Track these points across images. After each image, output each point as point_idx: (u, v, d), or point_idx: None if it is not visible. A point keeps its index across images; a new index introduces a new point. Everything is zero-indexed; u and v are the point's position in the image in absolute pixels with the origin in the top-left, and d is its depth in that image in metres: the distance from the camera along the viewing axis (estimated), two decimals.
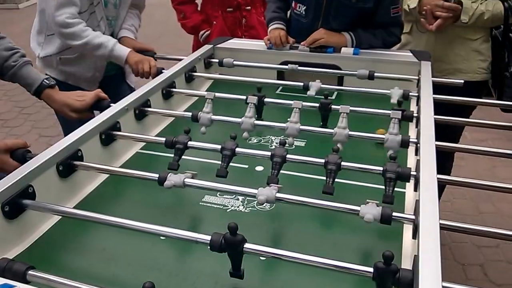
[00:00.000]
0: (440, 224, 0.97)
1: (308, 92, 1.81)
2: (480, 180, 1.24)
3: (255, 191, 1.13)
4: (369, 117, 1.64)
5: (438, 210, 1.00)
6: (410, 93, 1.77)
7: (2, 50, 1.71)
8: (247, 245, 0.94)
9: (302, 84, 1.88)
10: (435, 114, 1.55)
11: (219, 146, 1.33)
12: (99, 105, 1.67)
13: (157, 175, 1.21)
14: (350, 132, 1.45)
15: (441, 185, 2.48)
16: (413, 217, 1.04)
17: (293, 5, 2.28)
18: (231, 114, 1.61)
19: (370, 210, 1.03)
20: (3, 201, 1.10)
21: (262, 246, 0.95)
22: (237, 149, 1.32)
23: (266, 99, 1.71)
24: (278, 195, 1.11)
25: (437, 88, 1.85)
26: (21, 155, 1.36)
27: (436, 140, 1.34)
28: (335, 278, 0.99)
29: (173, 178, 1.18)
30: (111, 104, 1.63)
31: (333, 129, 1.48)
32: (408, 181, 1.23)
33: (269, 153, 1.30)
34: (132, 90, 2.42)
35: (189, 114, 1.61)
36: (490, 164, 3.66)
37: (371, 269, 0.87)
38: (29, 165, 1.20)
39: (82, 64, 2.27)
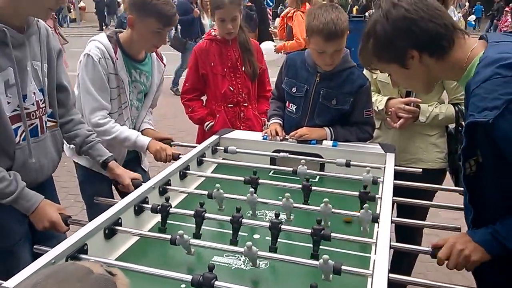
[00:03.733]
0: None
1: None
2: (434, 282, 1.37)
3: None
4: (343, 197, 1.95)
5: None
6: (378, 179, 2.07)
7: (85, 130, 2.17)
8: (217, 283, 1.27)
9: (291, 169, 2.20)
10: (402, 196, 1.88)
11: (228, 218, 1.64)
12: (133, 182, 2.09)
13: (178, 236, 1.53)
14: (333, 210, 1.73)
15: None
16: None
17: (287, 104, 2.65)
18: (233, 192, 1.92)
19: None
20: (67, 255, 1.41)
21: (231, 284, 1.28)
22: (244, 221, 1.63)
23: (260, 180, 2.03)
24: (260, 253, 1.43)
25: (402, 174, 2.17)
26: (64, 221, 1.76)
27: (405, 216, 1.66)
28: None
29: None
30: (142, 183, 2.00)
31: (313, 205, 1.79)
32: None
33: (267, 224, 1.59)
34: (145, 173, 2.75)
35: (205, 192, 1.94)
36: None
37: None
38: (85, 229, 1.52)
39: None
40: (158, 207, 1.74)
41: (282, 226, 1.59)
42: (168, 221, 1.77)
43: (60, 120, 2.08)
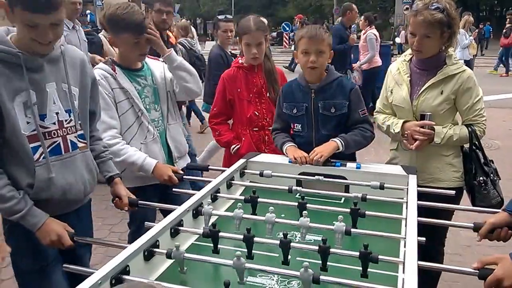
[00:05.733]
0: None
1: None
2: None
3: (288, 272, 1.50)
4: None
5: None
6: (401, 200, 2.15)
7: (101, 146, 2.29)
8: None
9: (320, 191, 2.28)
10: (423, 216, 1.92)
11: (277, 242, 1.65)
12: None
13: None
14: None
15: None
16: None
17: (292, 125, 2.78)
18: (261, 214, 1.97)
19: None
20: (112, 276, 1.47)
21: None
22: (292, 244, 1.64)
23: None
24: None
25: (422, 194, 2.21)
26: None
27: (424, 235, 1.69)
28: None
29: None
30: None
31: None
32: None
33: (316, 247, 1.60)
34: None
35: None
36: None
37: None
38: (126, 252, 1.58)
39: None
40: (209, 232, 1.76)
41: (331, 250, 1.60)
42: (206, 244, 1.82)
43: None
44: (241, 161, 2.66)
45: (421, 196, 2.17)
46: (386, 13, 38.35)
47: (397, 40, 21.25)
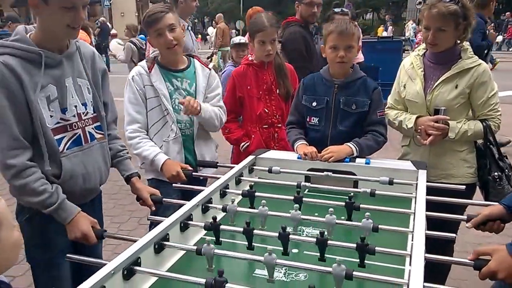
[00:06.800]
0: None
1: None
2: None
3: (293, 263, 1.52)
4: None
5: None
6: (410, 195, 2.15)
7: (118, 145, 2.36)
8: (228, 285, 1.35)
9: (327, 187, 2.29)
10: (434, 211, 1.93)
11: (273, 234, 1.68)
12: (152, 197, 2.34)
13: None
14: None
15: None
16: None
17: (308, 119, 2.76)
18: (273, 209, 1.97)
19: None
20: (123, 267, 1.50)
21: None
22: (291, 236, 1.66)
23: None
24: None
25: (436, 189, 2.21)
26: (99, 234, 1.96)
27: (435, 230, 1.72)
28: None
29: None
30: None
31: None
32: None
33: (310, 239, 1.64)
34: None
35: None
36: None
37: None
38: (137, 244, 1.61)
39: None
40: (210, 224, 1.79)
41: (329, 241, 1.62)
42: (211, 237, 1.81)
43: None
44: (250, 157, 2.68)
45: (434, 191, 2.17)
46: (398, 8, 38.14)
47: (384, 33, 21.50)
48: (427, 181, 2.24)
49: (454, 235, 1.83)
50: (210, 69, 2.87)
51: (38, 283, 2.17)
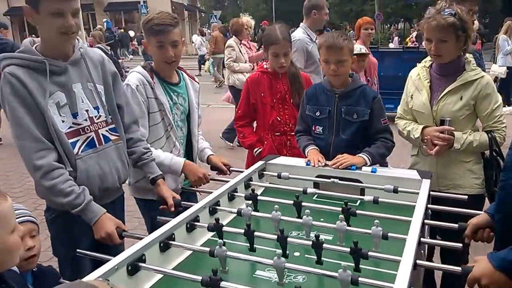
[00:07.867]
0: None
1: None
2: None
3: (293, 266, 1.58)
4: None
5: None
6: (413, 203, 2.15)
7: (142, 148, 2.42)
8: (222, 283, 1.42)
9: (334, 193, 2.35)
10: (442, 220, 2.00)
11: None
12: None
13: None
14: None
15: None
16: None
17: (313, 128, 2.85)
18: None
19: None
20: (128, 263, 1.59)
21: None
22: (289, 239, 1.75)
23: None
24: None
25: (445, 199, 2.26)
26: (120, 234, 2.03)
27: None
28: None
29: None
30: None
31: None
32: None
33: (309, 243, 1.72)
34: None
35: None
36: None
37: None
38: (142, 242, 1.70)
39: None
40: (213, 225, 1.88)
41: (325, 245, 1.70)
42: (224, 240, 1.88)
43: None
44: (260, 163, 2.75)
45: (442, 201, 2.21)
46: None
47: (390, 45, 21.45)
48: (437, 191, 2.27)
49: (459, 244, 1.85)
50: (198, 83, 2.88)
51: (62, 273, 2.26)
